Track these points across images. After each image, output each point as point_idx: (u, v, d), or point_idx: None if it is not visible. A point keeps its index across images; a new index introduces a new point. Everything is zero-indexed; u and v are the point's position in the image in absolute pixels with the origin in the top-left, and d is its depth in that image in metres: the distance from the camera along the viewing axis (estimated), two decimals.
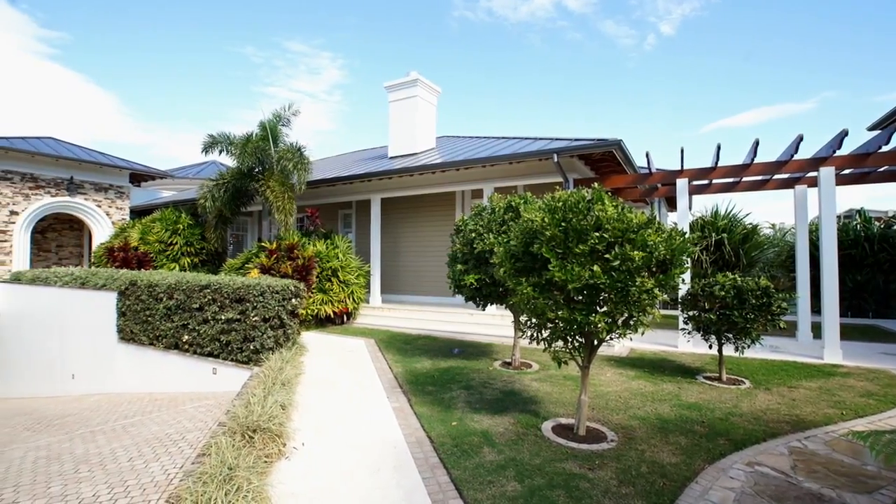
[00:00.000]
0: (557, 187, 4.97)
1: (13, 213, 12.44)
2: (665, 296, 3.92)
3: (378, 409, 5.10)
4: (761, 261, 13.46)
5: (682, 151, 8.64)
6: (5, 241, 12.34)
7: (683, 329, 6.87)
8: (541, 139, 10.71)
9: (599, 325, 3.80)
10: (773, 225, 16.93)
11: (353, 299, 11.21)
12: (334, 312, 10.85)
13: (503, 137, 12.45)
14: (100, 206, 14.07)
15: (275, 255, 10.31)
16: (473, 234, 6.55)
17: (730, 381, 6.11)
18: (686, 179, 8.69)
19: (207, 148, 11.57)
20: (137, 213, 16.13)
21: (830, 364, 7.16)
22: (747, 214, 13.13)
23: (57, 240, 15.28)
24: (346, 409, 5.08)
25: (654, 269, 3.86)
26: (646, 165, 9.38)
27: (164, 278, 7.71)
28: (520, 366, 6.85)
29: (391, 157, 13.75)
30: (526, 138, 11.38)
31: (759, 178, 9.44)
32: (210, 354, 7.03)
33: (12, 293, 11.24)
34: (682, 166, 8.77)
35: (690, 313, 6.40)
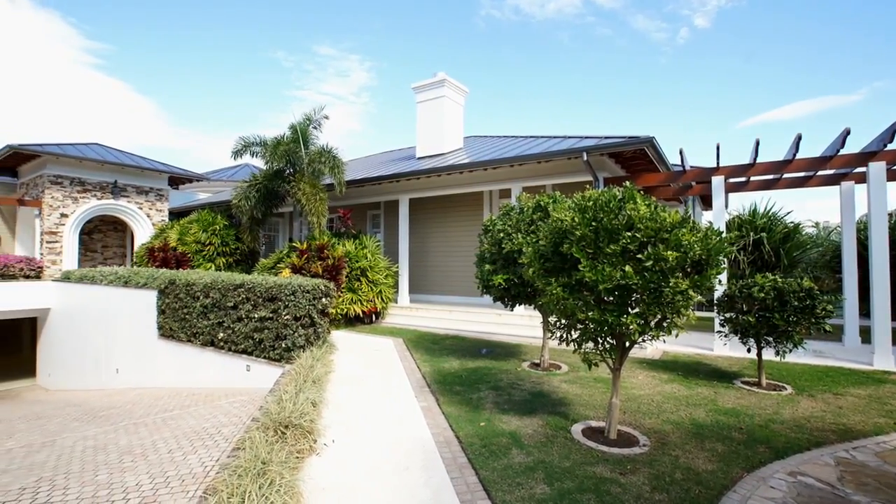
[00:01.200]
0: (588, 186, 4.89)
1: (63, 215, 13.14)
2: (700, 297, 3.79)
3: (406, 407, 5.13)
4: (804, 261, 12.85)
5: (717, 148, 8.35)
6: (56, 241, 13.04)
7: (720, 332, 6.63)
8: (570, 137, 10.56)
9: (631, 327, 3.71)
10: (817, 224, 16.12)
11: (382, 299, 11.32)
12: (363, 312, 10.99)
13: (531, 136, 12.34)
14: (141, 208, 14.71)
15: (305, 255, 10.52)
16: (502, 234, 6.52)
17: (770, 387, 5.86)
18: (722, 177, 8.38)
19: (239, 151, 11.91)
20: (176, 214, 16.77)
21: (881, 370, 6.77)
22: (788, 213, 12.55)
23: (102, 240, 16.05)
24: (374, 408, 5.13)
25: (688, 270, 3.75)
26: (679, 163, 9.11)
27: (201, 277, 7.98)
28: (549, 367, 6.77)
29: (419, 158, 13.83)
30: (554, 137, 11.24)
31: (802, 174, 9.02)
32: (244, 352, 7.24)
33: (63, 291, 11.90)
34: (717, 163, 8.48)
35: (727, 315, 6.17)
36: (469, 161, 10.68)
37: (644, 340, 4.09)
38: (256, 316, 6.99)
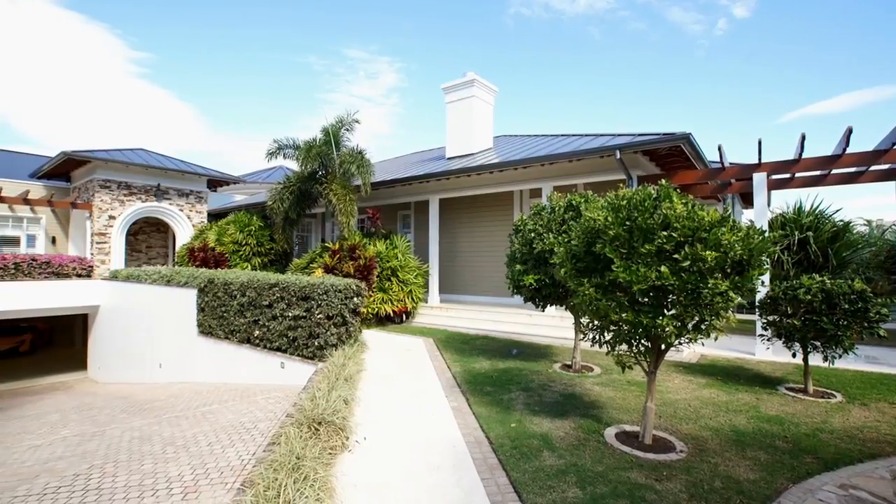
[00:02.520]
0: (621, 185, 4.78)
1: (111, 217, 13.85)
2: (740, 299, 3.64)
3: (437, 407, 5.15)
4: (854, 262, 12.12)
5: (759, 143, 8.00)
6: (105, 242, 13.76)
7: (762, 335, 6.35)
8: (602, 136, 10.36)
9: (667, 329, 3.60)
10: (869, 222, 15.19)
11: (412, 298, 11.41)
12: (394, 311, 11.10)
13: (562, 135, 12.17)
14: (182, 210, 15.33)
15: (338, 255, 10.71)
16: (533, 234, 6.46)
17: (817, 394, 5.57)
18: (764, 173, 8.03)
19: (273, 152, 12.26)
20: (214, 216, 17.40)
21: None
22: (837, 210, 11.85)
23: (146, 241, 16.82)
24: (405, 407, 5.18)
25: (728, 271, 3.61)
26: (718, 159, 8.78)
27: (238, 277, 8.25)
28: (581, 369, 6.66)
29: (449, 158, 13.86)
30: (586, 135, 11.05)
31: (852, 170, 8.53)
32: (278, 349, 7.44)
33: (111, 289, 12.54)
34: (759, 159, 8.13)
35: (770, 318, 5.91)
36: (499, 161, 10.63)
37: (680, 343, 3.96)
38: (290, 314, 7.17)
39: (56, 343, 18.10)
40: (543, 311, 7.39)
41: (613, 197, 4.08)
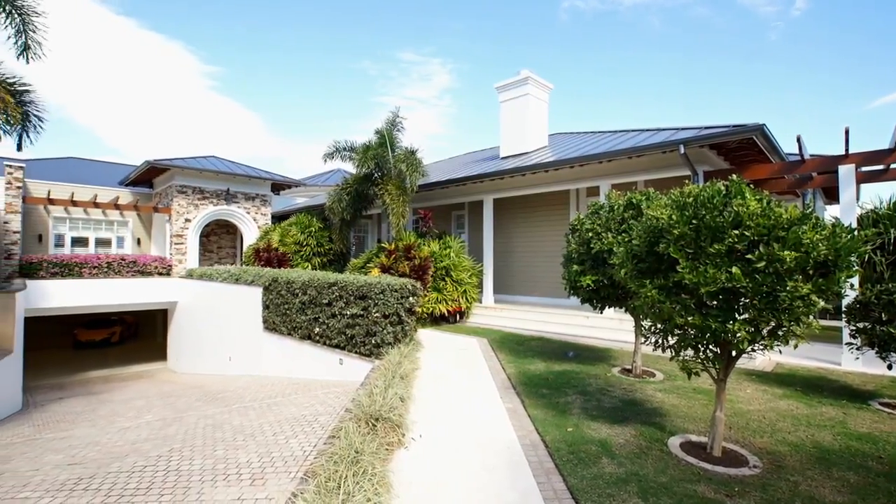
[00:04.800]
0: (686, 182, 4.53)
1: (187, 220, 14.98)
2: (824, 303, 3.32)
3: (491, 408, 5.13)
4: None
5: (846, 131, 7.29)
6: (182, 243, 14.90)
7: (850, 344, 5.77)
8: (663, 130, 9.87)
9: (738, 335, 3.37)
10: None
11: (466, 298, 11.44)
12: (448, 311, 11.18)
13: (620, 131, 11.73)
14: (248, 213, 16.30)
15: (393, 256, 10.94)
16: (590, 234, 6.28)
17: None
18: (852, 165, 7.30)
19: (331, 154, 12.72)
20: (277, 218, 18.35)
21: None
22: None
23: (217, 241, 18.03)
24: (459, 406, 5.19)
25: (810, 272, 3.31)
26: (797, 151, 8.09)
27: (299, 276, 8.64)
28: (641, 374, 6.38)
29: (503, 157, 13.76)
30: (646, 130, 10.58)
31: None
32: (337, 346, 7.71)
33: (187, 286, 13.56)
34: (846, 149, 7.39)
35: (860, 325, 5.36)
36: (554, 159, 10.41)
37: (753, 350, 3.69)
38: (348, 313, 7.41)
39: (141, 335, 19.86)
40: (601, 312, 7.16)
41: (678, 194, 3.86)
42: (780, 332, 3.45)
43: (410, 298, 7.27)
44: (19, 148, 6.80)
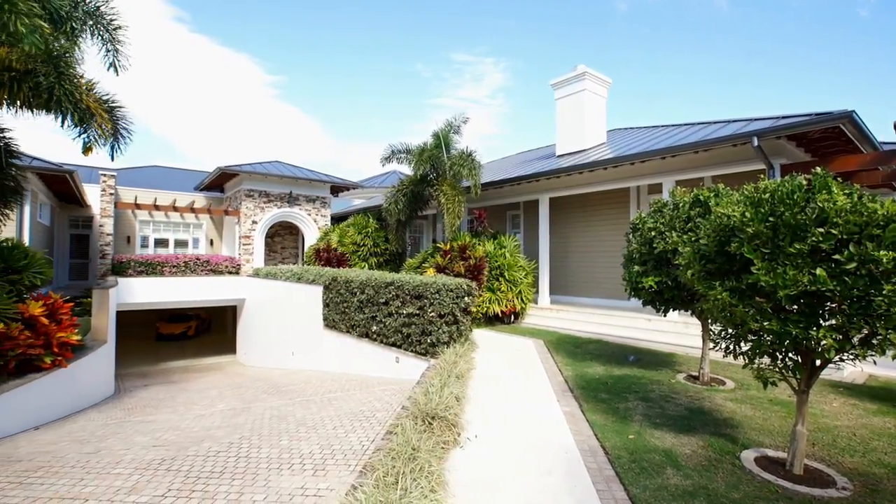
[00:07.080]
0: (761, 176, 4.20)
1: (254, 222, 15.92)
2: None
3: (548, 411, 5.03)
4: None
5: None
6: (249, 243, 15.86)
7: None
8: (733, 121, 9.24)
9: (824, 343, 3.08)
10: None
11: (521, 299, 11.30)
12: (502, 311, 11.10)
13: (684, 124, 11.12)
14: (309, 215, 17.05)
15: (448, 256, 11.02)
16: (653, 233, 6.01)
17: None
18: None
19: (388, 157, 13.03)
20: (335, 219, 19.05)
21: None
22: None
23: (280, 242, 19.00)
24: (515, 408, 5.14)
25: None
26: (893, 140, 7.29)
27: (357, 275, 8.92)
28: (709, 381, 6.01)
29: (559, 156, 13.47)
30: (713, 122, 9.96)
31: None
32: (393, 345, 7.88)
33: (254, 285, 14.40)
34: None
35: None
36: (613, 156, 10.05)
37: (842, 359, 3.36)
38: (405, 312, 7.55)
39: (213, 330, 21.33)
40: (665, 315, 6.82)
41: (752, 190, 3.60)
42: (875, 341, 3.12)
43: (466, 298, 7.28)
44: (112, 158, 7.53)
